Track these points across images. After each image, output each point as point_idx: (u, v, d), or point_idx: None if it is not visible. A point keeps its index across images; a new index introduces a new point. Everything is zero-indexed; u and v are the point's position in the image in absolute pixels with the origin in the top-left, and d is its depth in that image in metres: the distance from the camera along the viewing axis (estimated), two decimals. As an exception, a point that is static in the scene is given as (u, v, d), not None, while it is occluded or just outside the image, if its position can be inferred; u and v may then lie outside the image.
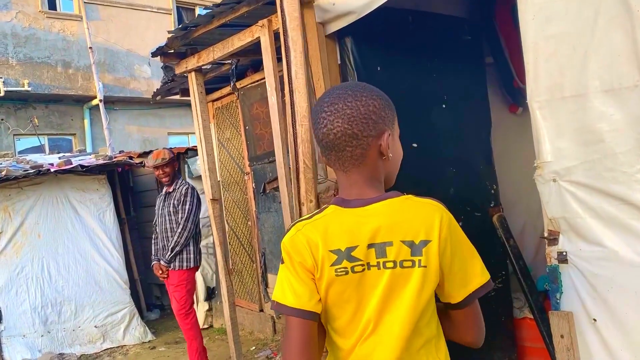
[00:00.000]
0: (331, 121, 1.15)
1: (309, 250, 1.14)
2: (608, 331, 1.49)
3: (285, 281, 1.17)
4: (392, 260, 1.12)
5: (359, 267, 1.12)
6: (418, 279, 1.11)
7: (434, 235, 1.12)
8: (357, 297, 1.14)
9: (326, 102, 1.18)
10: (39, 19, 10.23)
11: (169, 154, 4.39)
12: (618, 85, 1.41)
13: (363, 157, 1.16)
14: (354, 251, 1.12)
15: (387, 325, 1.13)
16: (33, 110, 10.33)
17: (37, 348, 5.32)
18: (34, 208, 5.56)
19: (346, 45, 2.32)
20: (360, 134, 1.14)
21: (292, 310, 1.13)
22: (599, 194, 1.48)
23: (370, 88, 1.20)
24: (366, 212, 1.15)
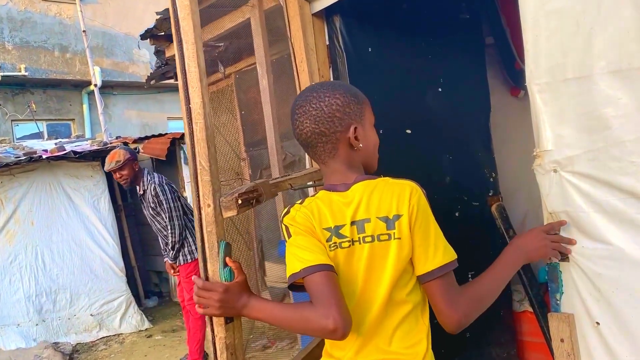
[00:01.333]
0: (301, 122, 1.32)
1: (311, 223, 1.28)
2: (612, 336, 1.36)
3: (297, 250, 1.26)
4: (370, 235, 1.26)
5: (346, 243, 1.26)
6: (395, 250, 1.24)
7: (404, 210, 1.25)
8: (346, 271, 1.27)
9: (297, 104, 1.34)
10: (34, 3, 10.06)
11: (124, 154, 4.08)
12: (627, 66, 1.26)
13: (335, 150, 1.32)
14: (341, 229, 1.27)
15: (369, 293, 1.26)
16: (31, 96, 10.21)
17: (31, 337, 5.26)
18: (27, 195, 5.47)
19: (335, 25, 2.18)
20: (328, 131, 1.30)
21: (315, 267, 1.21)
22: (604, 186, 1.34)
23: (337, 86, 1.34)
24: (348, 194, 1.30)
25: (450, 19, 2.67)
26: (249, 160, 5.14)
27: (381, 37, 2.29)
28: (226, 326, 1.43)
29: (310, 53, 2.10)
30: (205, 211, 1.46)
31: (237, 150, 5.30)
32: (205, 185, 1.45)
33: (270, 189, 1.72)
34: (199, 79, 1.44)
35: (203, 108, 1.44)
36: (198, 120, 1.43)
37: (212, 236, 1.46)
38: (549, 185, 1.45)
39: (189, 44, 1.43)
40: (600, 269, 1.37)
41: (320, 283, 1.19)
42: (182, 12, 1.43)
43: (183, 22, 1.43)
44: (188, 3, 1.42)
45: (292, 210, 1.32)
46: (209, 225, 1.46)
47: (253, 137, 5.01)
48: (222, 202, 1.48)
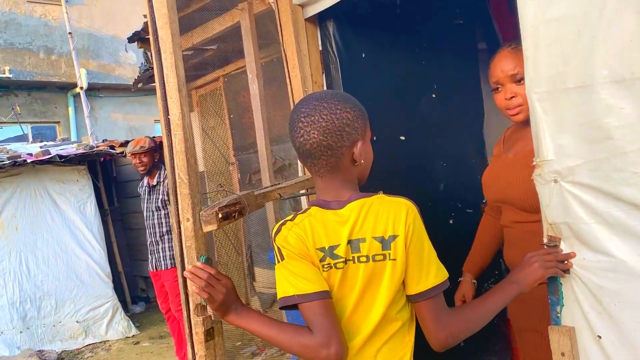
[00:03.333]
0: (307, 132, 1.25)
1: (304, 245, 1.24)
2: (615, 350, 1.33)
3: (289, 275, 1.24)
4: (365, 255, 1.24)
5: (340, 263, 1.24)
6: (389, 271, 1.24)
7: (401, 230, 1.24)
8: (339, 290, 1.25)
9: (303, 112, 1.27)
10: (19, 4, 9.92)
11: (149, 142, 4.21)
12: (630, 75, 1.24)
13: (337, 164, 1.28)
14: (336, 249, 1.24)
15: (361, 312, 1.25)
16: (15, 98, 10.06)
17: (15, 345, 5.16)
18: (11, 200, 5.37)
19: (328, 30, 2.14)
20: (335, 145, 1.25)
21: (313, 295, 1.20)
22: (606, 197, 1.31)
23: (346, 99, 1.30)
24: (343, 212, 1.27)
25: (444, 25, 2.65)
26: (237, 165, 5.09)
27: (375, 42, 2.26)
28: (206, 344, 1.39)
29: (303, 59, 2.07)
30: (184, 225, 1.41)
31: (225, 155, 5.24)
32: (184, 199, 1.40)
33: (255, 200, 1.67)
34: (178, 89, 1.38)
35: (182, 119, 1.39)
36: (177, 132, 1.39)
37: (191, 251, 1.41)
38: (549, 196, 1.42)
39: (167, 53, 1.38)
40: (602, 282, 1.35)
41: (319, 313, 1.19)
42: (160, 21, 1.38)
43: (161, 31, 1.38)
44: (166, 11, 1.37)
45: (284, 229, 1.28)
46: (188, 239, 1.41)
47: (242, 141, 4.96)
48: (202, 216, 1.43)
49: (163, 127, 1.42)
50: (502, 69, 1.86)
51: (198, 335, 1.39)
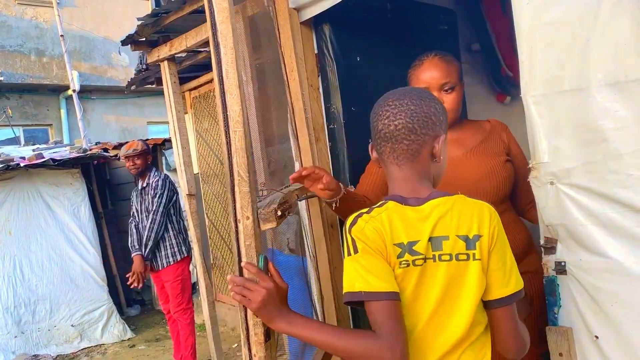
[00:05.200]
0: (394, 114, 1.25)
1: (381, 239, 1.19)
2: (611, 350, 1.35)
3: (361, 269, 1.18)
4: (448, 254, 1.19)
5: (420, 260, 1.19)
6: (475, 271, 1.19)
7: (485, 231, 1.20)
8: (418, 290, 1.20)
9: (391, 98, 1.28)
10: (10, 6, 9.85)
11: (142, 145, 4.22)
12: (624, 78, 1.26)
13: (417, 153, 1.26)
14: (415, 245, 1.19)
15: (443, 314, 1.19)
16: (7, 101, 9.98)
17: (10, 350, 5.12)
18: (4, 204, 5.34)
19: (324, 33, 2.15)
20: (419, 130, 1.24)
21: (383, 294, 1.15)
22: (602, 199, 1.33)
23: (433, 95, 1.33)
24: (424, 208, 1.22)
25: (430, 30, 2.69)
26: (232, 166, 5.09)
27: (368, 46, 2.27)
28: (265, 345, 1.35)
29: (298, 62, 2.07)
30: (243, 223, 1.36)
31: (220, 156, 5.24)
32: (244, 197, 1.36)
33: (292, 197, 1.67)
34: (238, 86, 1.35)
35: (242, 116, 1.35)
36: (237, 129, 1.35)
37: (250, 250, 1.37)
38: (546, 198, 1.44)
39: (227, 48, 1.32)
40: (598, 282, 1.36)
41: (386, 314, 1.14)
42: (220, 15, 1.33)
43: (221, 26, 1.32)
44: (227, 5, 1.32)
45: (361, 221, 1.21)
46: (248, 238, 1.37)
47: (236, 143, 4.95)
48: (261, 214, 1.40)
49: (221, 123, 1.38)
50: (432, 77, 1.87)
51: (258, 335, 1.34)
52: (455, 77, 1.89)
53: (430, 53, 1.92)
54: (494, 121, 2.08)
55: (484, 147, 1.96)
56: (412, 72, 1.93)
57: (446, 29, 2.85)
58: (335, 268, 2.21)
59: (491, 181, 1.88)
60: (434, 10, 2.78)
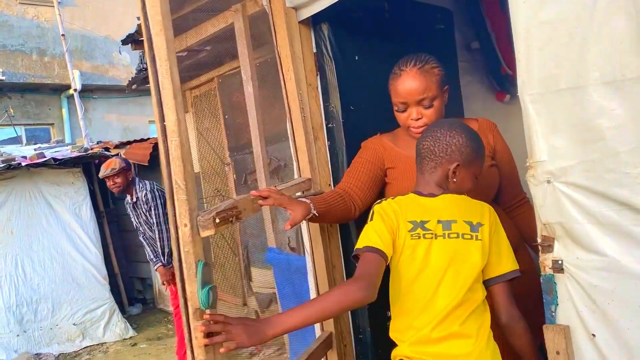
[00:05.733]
0: (424, 137, 1.66)
1: (396, 216, 1.55)
2: (609, 348, 1.35)
3: (371, 231, 1.54)
4: (455, 233, 1.52)
5: (429, 235, 1.51)
6: (477, 249, 1.51)
7: (486, 221, 1.55)
8: (427, 259, 1.50)
9: (432, 126, 1.71)
10: (11, 5, 9.87)
11: (119, 163, 4.20)
12: (620, 77, 1.25)
13: (434, 169, 1.62)
14: (427, 224, 1.53)
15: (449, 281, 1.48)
16: (8, 100, 10.01)
17: (12, 348, 5.14)
18: (6, 204, 5.36)
19: (323, 32, 2.15)
20: (438, 153, 1.61)
21: (375, 248, 1.48)
22: (598, 197, 1.33)
23: (471, 132, 1.65)
24: (437, 199, 1.60)
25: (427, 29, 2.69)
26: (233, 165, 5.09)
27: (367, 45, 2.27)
28: (206, 348, 1.40)
29: (297, 61, 2.07)
30: (182, 231, 1.42)
31: (221, 155, 5.24)
32: (182, 205, 1.40)
33: (251, 205, 1.68)
34: (174, 96, 1.39)
35: (178, 125, 1.39)
36: (173, 138, 1.39)
37: (189, 256, 1.41)
38: (543, 196, 1.44)
39: (162, 60, 1.38)
40: (595, 281, 1.36)
41: (369, 263, 1.45)
42: (155, 28, 1.38)
43: (156, 39, 1.38)
44: (160, 19, 1.37)
45: (384, 202, 1.61)
46: (186, 245, 1.41)
47: (237, 141, 4.96)
48: (200, 222, 1.44)
49: (159, 133, 1.42)
50: (409, 93, 1.84)
51: (198, 339, 1.39)
52: (434, 90, 1.85)
53: (409, 62, 1.86)
54: (482, 121, 2.05)
55: None
56: (391, 82, 1.90)
57: (443, 28, 2.85)
58: (334, 267, 2.21)
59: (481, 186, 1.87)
60: (430, 9, 2.78)
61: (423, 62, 1.86)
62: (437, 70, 1.88)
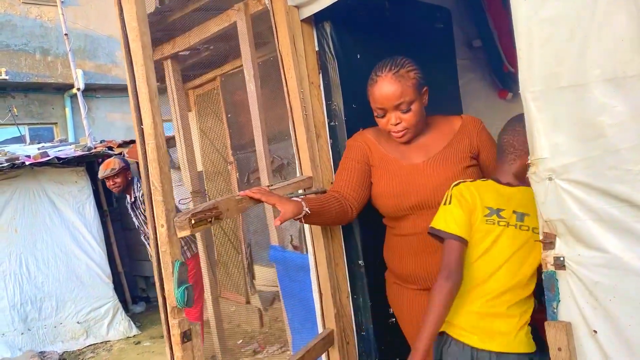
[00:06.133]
0: (505, 131, 1.79)
1: (474, 198, 1.69)
2: (610, 344, 1.35)
3: (449, 215, 1.68)
4: (527, 226, 1.65)
5: (503, 222, 1.65)
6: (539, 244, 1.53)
7: None
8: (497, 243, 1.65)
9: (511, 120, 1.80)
10: (14, 5, 9.90)
11: (119, 163, 4.23)
12: (622, 74, 1.26)
13: (514, 161, 1.75)
14: (502, 212, 1.67)
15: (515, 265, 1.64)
16: (12, 100, 10.04)
17: (17, 346, 5.17)
18: (10, 202, 5.38)
19: (325, 31, 2.15)
20: (517, 146, 1.73)
21: (455, 236, 1.65)
22: (600, 194, 1.33)
23: None
24: (513, 189, 1.71)
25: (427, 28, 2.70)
26: (236, 164, 5.10)
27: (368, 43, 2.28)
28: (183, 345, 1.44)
29: (299, 59, 2.08)
30: (159, 231, 1.46)
31: (224, 154, 5.26)
32: (159, 206, 1.45)
33: (236, 205, 1.69)
34: (150, 100, 1.44)
35: (154, 129, 1.44)
36: (149, 141, 1.43)
37: (166, 256, 1.46)
38: (545, 193, 1.44)
39: (138, 65, 1.43)
40: (597, 277, 1.37)
41: (451, 251, 1.64)
42: (131, 34, 1.43)
43: (133, 44, 1.43)
44: (136, 25, 1.41)
45: (462, 185, 1.73)
46: (163, 245, 1.46)
47: (240, 140, 4.97)
48: (176, 222, 1.48)
49: (137, 136, 1.47)
50: (386, 98, 1.85)
51: (175, 337, 1.43)
52: (411, 94, 1.85)
53: (385, 67, 1.86)
54: (467, 118, 2.06)
55: (446, 153, 1.96)
56: (368, 88, 1.90)
57: (442, 27, 2.86)
58: (336, 265, 2.22)
59: None
60: (429, 8, 2.79)
61: (398, 67, 1.85)
62: (413, 74, 1.87)
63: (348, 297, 2.26)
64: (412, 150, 1.99)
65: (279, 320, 4.79)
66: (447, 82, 2.86)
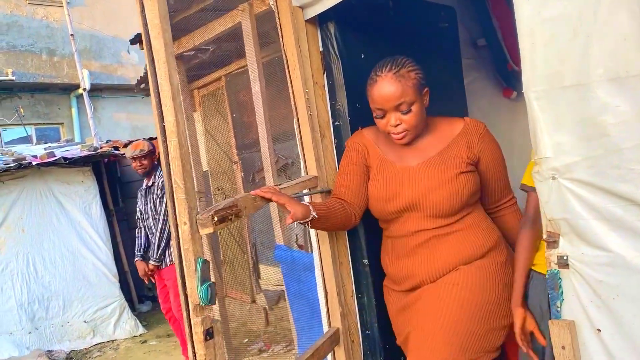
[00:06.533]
0: None
1: None
2: (614, 343, 1.36)
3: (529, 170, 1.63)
4: None
5: None
6: None
7: None
8: None
9: None
10: (21, 6, 9.95)
11: (148, 145, 4.30)
12: (624, 74, 1.26)
13: None
14: None
15: None
16: (18, 100, 10.09)
17: (24, 345, 5.21)
18: (17, 202, 5.41)
19: (329, 31, 2.16)
20: None
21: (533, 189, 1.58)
22: (603, 193, 1.34)
23: None
24: None
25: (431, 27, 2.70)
26: (241, 163, 5.12)
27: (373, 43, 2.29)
28: (206, 344, 1.44)
29: (303, 60, 2.09)
30: (181, 229, 1.46)
31: (229, 153, 5.27)
32: (181, 204, 1.45)
33: (253, 203, 1.70)
34: (172, 98, 1.42)
35: (177, 126, 1.43)
36: (172, 139, 1.43)
37: (189, 254, 1.46)
38: (548, 192, 1.45)
39: (160, 62, 1.42)
40: (600, 276, 1.37)
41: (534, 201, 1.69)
42: (153, 31, 1.42)
43: (154, 41, 1.42)
44: (159, 22, 1.40)
45: None
46: (186, 242, 1.46)
47: (245, 139, 4.99)
48: (199, 220, 1.47)
49: (159, 134, 1.46)
50: (386, 99, 1.80)
51: (198, 334, 1.43)
52: (411, 94, 1.80)
53: (385, 66, 1.81)
54: (469, 122, 1.98)
55: (441, 157, 1.89)
56: (368, 88, 1.86)
57: (447, 26, 2.86)
58: (341, 264, 2.23)
59: (439, 195, 1.84)
60: (433, 7, 2.79)
61: (399, 66, 1.80)
62: (414, 74, 1.82)
63: (353, 296, 2.27)
64: (410, 152, 1.94)
65: (285, 319, 4.80)
66: (453, 82, 2.86)
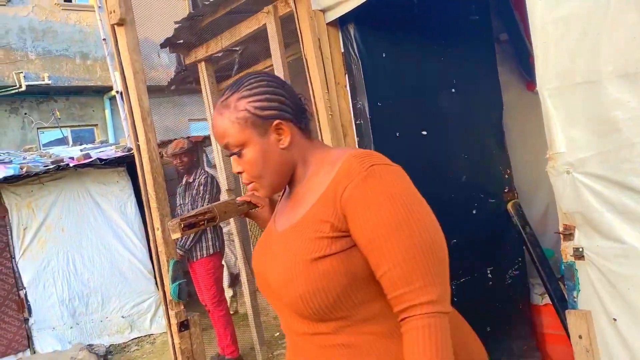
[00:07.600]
0: None
1: None
2: (630, 331, 1.40)
3: None
4: None
5: None
6: None
7: None
8: None
9: None
10: (55, 12, 10.25)
11: (188, 143, 4.46)
12: (634, 70, 1.30)
13: None
14: None
15: None
16: (54, 103, 10.41)
17: (66, 340, 5.42)
18: (56, 203, 5.62)
19: (349, 33, 2.22)
20: None
21: None
22: (616, 186, 1.38)
23: None
24: None
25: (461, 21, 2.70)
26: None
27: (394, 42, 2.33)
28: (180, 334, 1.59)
29: (325, 61, 2.16)
30: (156, 233, 1.63)
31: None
32: (154, 212, 1.63)
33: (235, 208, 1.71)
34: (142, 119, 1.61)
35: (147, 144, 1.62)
36: (144, 155, 1.60)
37: (162, 255, 1.64)
38: (563, 187, 1.49)
39: (131, 89, 1.62)
40: (615, 267, 1.41)
41: None
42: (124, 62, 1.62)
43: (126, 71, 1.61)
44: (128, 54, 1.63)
45: None
46: (160, 245, 1.63)
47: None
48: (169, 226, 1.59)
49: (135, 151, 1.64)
50: (215, 136, 1.23)
51: (173, 326, 1.58)
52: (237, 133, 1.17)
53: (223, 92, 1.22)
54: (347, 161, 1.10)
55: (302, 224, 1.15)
56: None
57: (477, 19, 2.83)
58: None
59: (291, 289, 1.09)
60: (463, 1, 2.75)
61: (230, 92, 1.19)
62: (246, 103, 1.16)
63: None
64: (288, 207, 1.27)
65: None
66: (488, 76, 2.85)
